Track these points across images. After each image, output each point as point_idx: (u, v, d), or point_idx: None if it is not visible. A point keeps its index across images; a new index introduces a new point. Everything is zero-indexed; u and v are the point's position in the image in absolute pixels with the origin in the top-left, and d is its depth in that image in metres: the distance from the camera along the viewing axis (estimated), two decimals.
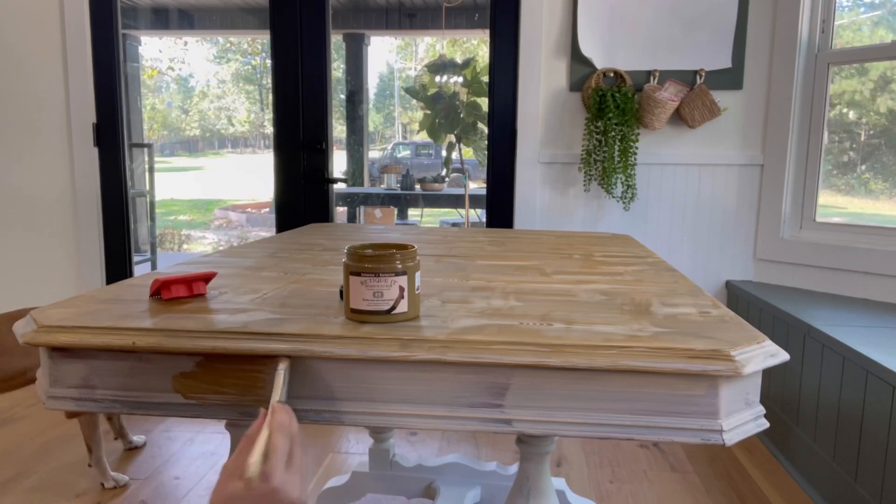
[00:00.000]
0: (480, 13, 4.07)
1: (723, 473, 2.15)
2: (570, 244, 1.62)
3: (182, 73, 5.43)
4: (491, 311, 0.91)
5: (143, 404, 0.82)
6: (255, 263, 1.29)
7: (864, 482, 1.69)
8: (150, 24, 4.61)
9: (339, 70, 4.23)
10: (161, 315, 0.88)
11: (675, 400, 0.75)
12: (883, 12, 2.60)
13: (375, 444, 1.84)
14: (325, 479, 2.05)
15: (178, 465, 2.18)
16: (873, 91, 2.59)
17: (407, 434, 2.45)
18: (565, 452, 2.30)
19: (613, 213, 2.65)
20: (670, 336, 0.80)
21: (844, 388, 1.81)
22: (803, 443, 2.04)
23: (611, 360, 0.75)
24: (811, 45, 2.46)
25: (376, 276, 0.83)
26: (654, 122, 2.48)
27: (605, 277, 1.18)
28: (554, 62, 2.60)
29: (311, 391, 0.80)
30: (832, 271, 2.41)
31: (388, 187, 4.20)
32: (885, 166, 2.61)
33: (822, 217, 2.51)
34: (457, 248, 1.53)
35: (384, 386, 0.79)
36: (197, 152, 7.19)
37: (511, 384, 0.77)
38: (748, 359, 0.75)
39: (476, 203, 4.02)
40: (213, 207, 7.22)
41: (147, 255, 4.65)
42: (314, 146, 2.80)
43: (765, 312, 2.33)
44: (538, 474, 1.06)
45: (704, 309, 0.94)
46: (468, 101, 4.08)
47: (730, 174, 2.60)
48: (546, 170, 2.65)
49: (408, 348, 0.77)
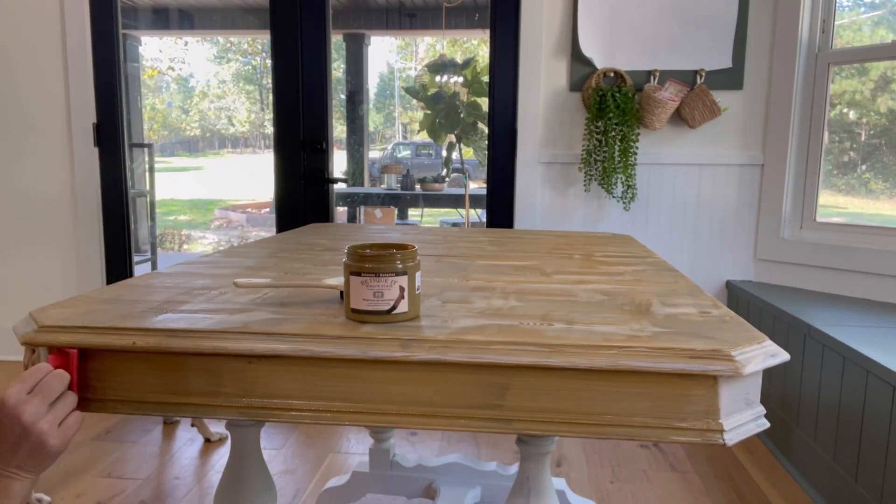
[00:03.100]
0: (480, 13, 4.07)
1: (723, 473, 2.15)
2: (570, 244, 1.62)
3: (182, 73, 5.42)
4: (491, 312, 0.91)
5: (144, 404, 0.82)
6: (256, 263, 1.29)
7: (865, 482, 1.69)
8: (151, 24, 4.61)
9: (339, 70, 4.23)
10: (161, 315, 0.88)
11: (675, 400, 0.75)
12: (883, 12, 2.60)
13: (375, 444, 1.84)
14: (325, 479, 2.05)
15: (178, 465, 2.18)
16: (873, 91, 2.59)
17: (407, 434, 2.45)
18: (565, 452, 2.30)
19: (613, 213, 2.65)
20: (671, 336, 0.80)
21: (845, 389, 1.81)
22: (803, 443, 2.04)
23: (611, 361, 0.75)
24: (811, 45, 2.46)
25: (377, 276, 0.83)
26: (655, 122, 2.48)
27: (606, 277, 1.18)
28: (554, 62, 2.60)
29: (311, 391, 0.80)
30: (832, 271, 2.41)
31: (389, 187, 4.20)
32: (886, 166, 2.61)
33: (822, 217, 2.51)
34: (457, 248, 1.53)
35: (384, 386, 0.78)
36: (197, 152, 7.19)
37: (511, 384, 0.77)
38: (749, 359, 0.75)
39: (476, 203, 4.01)
40: (214, 207, 7.22)
41: (147, 255, 4.65)
42: (314, 146, 2.80)
43: (765, 312, 2.33)
44: (538, 474, 1.06)
45: (705, 309, 0.94)
46: (468, 101, 4.08)
47: (730, 174, 2.59)
48: (546, 170, 2.65)
49: (408, 348, 0.77)
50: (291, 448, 2.32)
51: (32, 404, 0.74)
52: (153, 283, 1.09)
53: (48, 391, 0.75)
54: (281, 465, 2.19)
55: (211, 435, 2.36)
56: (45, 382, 0.76)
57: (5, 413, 0.73)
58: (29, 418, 0.73)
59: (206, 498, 1.98)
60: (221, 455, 2.26)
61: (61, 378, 0.77)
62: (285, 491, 2.02)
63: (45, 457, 0.75)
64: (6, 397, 0.74)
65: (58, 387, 0.76)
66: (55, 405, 0.76)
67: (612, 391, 0.76)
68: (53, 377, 0.77)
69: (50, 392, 0.75)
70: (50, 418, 0.75)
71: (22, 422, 0.73)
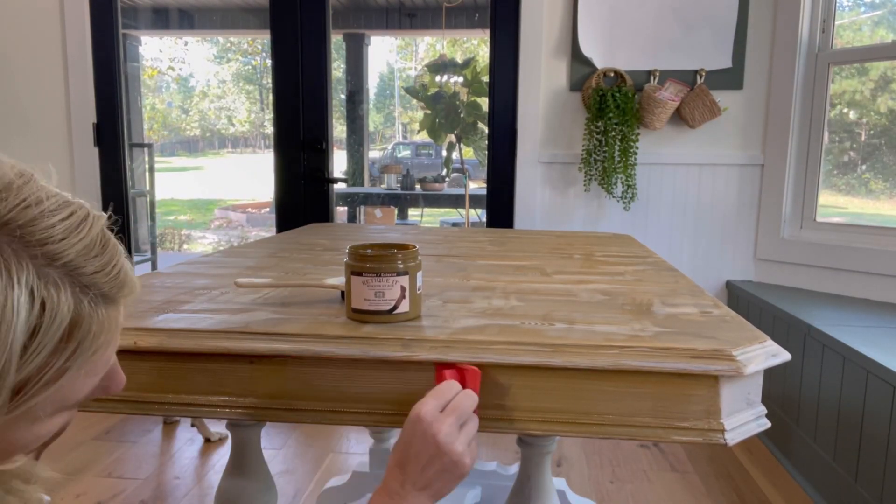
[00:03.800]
0: (480, 13, 4.07)
1: (723, 473, 2.15)
2: (570, 244, 1.62)
3: (182, 73, 5.42)
4: (492, 311, 0.90)
5: (145, 404, 0.82)
6: (256, 263, 1.29)
7: (865, 482, 1.69)
8: (151, 24, 4.61)
9: (340, 70, 4.23)
10: (162, 315, 0.88)
11: (676, 400, 0.75)
12: (883, 12, 2.60)
13: (375, 444, 1.84)
14: (325, 479, 2.05)
15: (178, 465, 2.18)
16: (874, 91, 2.59)
17: None
18: (566, 452, 2.30)
19: (613, 213, 2.65)
20: (672, 336, 0.80)
21: (845, 388, 1.81)
22: (803, 443, 2.04)
23: (612, 360, 0.75)
24: (811, 45, 2.46)
25: (378, 276, 0.82)
26: (655, 121, 2.48)
27: (606, 277, 1.18)
28: (554, 62, 2.60)
29: (312, 391, 0.80)
30: (832, 271, 2.41)
31: (389, 187, 4.19)
32: (886, 166, 2.61)
33: (822, 217, 2.51)
34: (457, 248, 1.53)
35: (385, 386, 0.78)
36: (197, 152, 7.18)
37: (512, 384, 0.77)
38: (750, 359, 0.75)
39: (476, 203, 4.01)
40: (213, 207, 7.21)
41: (147, 255, 4.65)
42: (314, 146, 2.80)
43: (765, 312, 2.33)
44: (539, 474, 1.06)
45: (705, 309, 0.94)
46: (468, 100, 4.08)
47: (730, 174, 2.59)
48: (546, 170, 2.65)
49: (409, 348, 0.77)
50: (291, 448, 2.32)
51: (448, 423, 0.69)
52: (154, 283, 1.09)
53: (461, 412, 0.71)
54: (281, 465, 2.19)
55: (211, 435, 2.36)
56: (458, 402, 0.71)
57: (421, 429, 0.69)
58: (445, 438, 0.69)
59: (206, 498, 1.98)
60: (221, 455, 2.26)
61: (472, 399, 0.73)
62: (285, 491, 2.02)
63: (455, 479, 0.71)
64: (423, 413, 0.69)
65: (469, 408, 0.72)
66: (465, 426, 0.72)
67: (613, 391, 0.76)
68: (466, 397, 0.72)
69: (462, 413, 0.71)
70: (463, 439, 0.71)
71: (438, 441, 0.69)
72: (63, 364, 0.45)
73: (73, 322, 0.45)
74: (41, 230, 0.44)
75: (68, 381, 0.47)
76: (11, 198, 0.44)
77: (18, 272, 0.42)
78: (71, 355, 0.46)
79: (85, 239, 0.47)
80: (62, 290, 0.44)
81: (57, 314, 0.44)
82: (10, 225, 0.43)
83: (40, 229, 0.44)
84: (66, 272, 0.45)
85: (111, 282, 0.48)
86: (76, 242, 0.46)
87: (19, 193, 0.45)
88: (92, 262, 0.47)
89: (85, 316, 0.46)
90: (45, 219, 0.45)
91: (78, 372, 0.47)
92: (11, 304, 0.42)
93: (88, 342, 0.47)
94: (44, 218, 0.45)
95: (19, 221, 0.44)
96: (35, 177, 0.48)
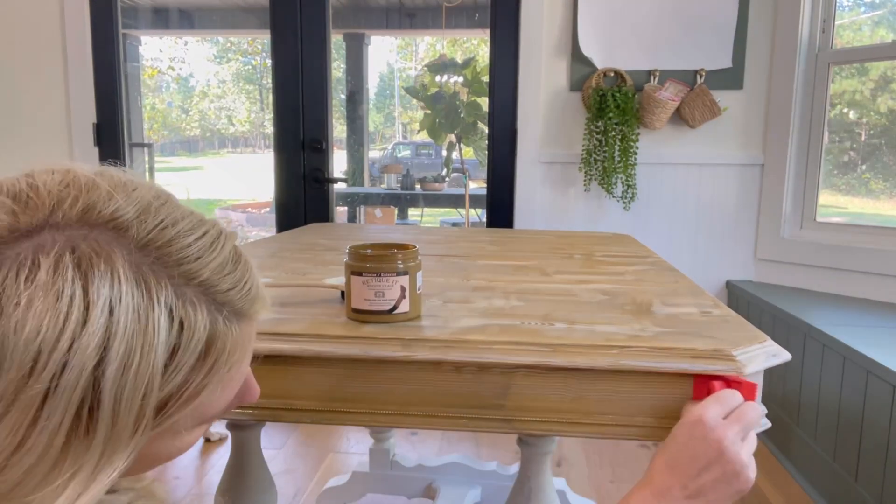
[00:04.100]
0: (480, 13, 4.06)
1: None
2: (570, 244, 1.62)
3: (182, 72, 5.41)
4: (492, 311, 0.90)
5: None
6: (256, 263, 1.29)
7: (865, 482, 1.69)
8: (150, 24, 4.60)
9: (339, 70, 4.23)
10: None
11: (676, 400, 0.75)
12: (883, 12, 2.60)
13: (375, 444, 1.84)
14: (325, 479, 2.05)
15: (178, 465, 2.18)
16: (874, 91, 2.60)
17: (407, 434, 2.45)
18: (566, 452, 2.30)
19: (614, 213, 2.65)
20: (672, 336, 0.80)
21: (845, 388, 1.81)
22: (803, 443, 2.04)
23: (613, 360, 0.75)
24: (811, 45, 2.46)
25: (378, 276, 0.82)
26: (655, 121, 2.48)
27: (606, 277, 1.18)
28: (554, 62, 2.60)
29: (311, 391, 0.80)
30: (832, 271, 2.41)
31: (389, 187, 4.19)
32: (886, 166, 2.61)
33: (822, 217, 2.51)
34: (457, 247, 1.53)
35: (385, 386, 0.78)
36: (197, 152, 7.18)
37: (513, 384, 0.76)
38: (750, 359, 0.75)
39: (476, 203, 4.01)
40: (214, 207, 7.21)
41: None
42: (314, 146, 2.80)
43: (765, 312, 2.33)
44: (539, 474, 1.06)
45: (706, 309, 0.94)
46: (468, 100, 4.07)
47: (730, 174, 2.59)
48: (546, 170, 2.65)
49: (409, 348, 0.77)
50: (291, 448, 2.32)
51: (734, 431, 0.66)
52: None
53: (747, 422, 0.68)
54: (281, 465, 2.19)
55: (211, 435, 2.35)
56: (742, 412, 0.68)
57: (702, 432, 0.66)
58: (730, 445, 0.65)
59: (206, 498, 1.98)
60: (221, 455, 2.26)
61: (758, 413, 0.70)
62: (285, 491, 2.02)
63: (733, 492, 0.66)
64: (706, 417, 0.67)
65: (755, 420, 0.69)
66: (747, 439, 0.68)
67: (613, 391, 0.76)
68: (751, 408, 0.69)
69: (748, 424, 0.68)
70: (747, 450, 0.67)
71: (723, 446, 0.65)
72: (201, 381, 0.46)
73: (210, 340, 0.46)
74: (178, 250, 0.45)
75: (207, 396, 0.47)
76: (150, 219, 0.45)
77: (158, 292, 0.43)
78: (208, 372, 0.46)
79: (218, 257, 0.47)
80: (199, 309, 0.45)
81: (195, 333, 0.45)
82: (150, 246, 0.44)
83: (177, 249, 0.45)
84: (201, 291, 0.46)
85: (244, 298, 0.49)
86: (210, 261, 0.47)
87: (157, 215, 0.45)
88: (225, 279, 0.48)
89: (220, 334, 0.47)
90: (181, 239, 0.45)
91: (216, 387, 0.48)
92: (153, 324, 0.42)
93: (224, 359, 0.47)
94: (180, 238, 0.45)
95: (157, 243, 0.44)
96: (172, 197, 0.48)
